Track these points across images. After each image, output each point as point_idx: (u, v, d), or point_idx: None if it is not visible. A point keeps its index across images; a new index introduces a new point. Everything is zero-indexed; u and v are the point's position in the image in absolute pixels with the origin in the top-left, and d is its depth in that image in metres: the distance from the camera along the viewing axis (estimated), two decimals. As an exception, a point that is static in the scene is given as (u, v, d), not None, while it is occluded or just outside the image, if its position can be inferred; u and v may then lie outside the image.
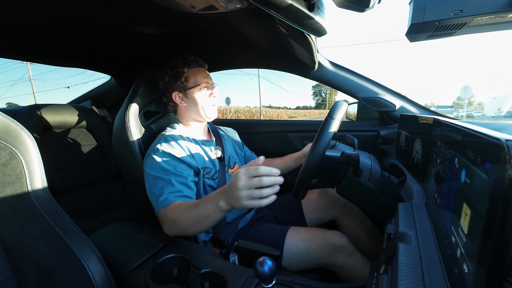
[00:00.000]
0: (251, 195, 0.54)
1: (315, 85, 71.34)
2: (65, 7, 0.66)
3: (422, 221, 0.46)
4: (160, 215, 0.70)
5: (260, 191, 0.54)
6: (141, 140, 0.85)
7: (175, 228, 0.66)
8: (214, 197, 0.60)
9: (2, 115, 0.45)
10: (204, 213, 0.61)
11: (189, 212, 0.63)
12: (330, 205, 0.97)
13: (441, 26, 0.53)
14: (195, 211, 0.62)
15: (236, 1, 0.56)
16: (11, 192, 0.45)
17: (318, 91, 74.52)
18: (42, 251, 0.46)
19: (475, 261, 0.26)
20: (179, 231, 0.66)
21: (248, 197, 0.54)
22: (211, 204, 0.60)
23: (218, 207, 0.59)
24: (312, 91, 76.67)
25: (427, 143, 0.61)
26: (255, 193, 0.54)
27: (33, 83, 13.61)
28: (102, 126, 1.43)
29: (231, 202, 0.57)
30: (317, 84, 66.85)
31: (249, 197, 0.54)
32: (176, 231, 0.66)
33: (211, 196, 0.62)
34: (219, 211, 0.59)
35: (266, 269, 0.43)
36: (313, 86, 73.91)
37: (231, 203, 0.57)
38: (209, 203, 0.61)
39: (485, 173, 0.27)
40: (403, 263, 0.35)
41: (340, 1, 0.51)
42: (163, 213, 0.69)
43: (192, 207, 0.63)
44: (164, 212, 0.69)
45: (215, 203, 0.60)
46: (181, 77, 0.87)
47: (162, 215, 0.69)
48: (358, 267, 0.73)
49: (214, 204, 0.60)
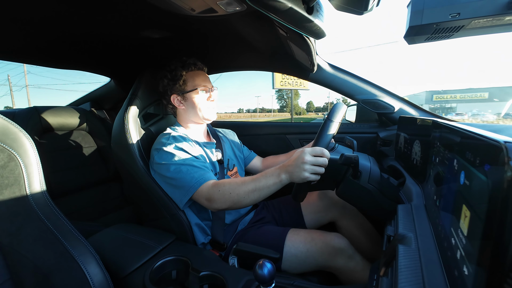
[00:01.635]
0: (314, 169, 0.65)
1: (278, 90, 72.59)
2: (65, 10, 0.66)
3: (421, 223, 0.46)
4: (201, 193, 0.74)
5: (321, 168, 0.66)
6: (140, 142, 0.85)
7: (230, 201, 0.71)
8: (275, 171, 0.70)
9: (1, 117, 0.45)
10: (264, 185, 0.69)
11: (246, 184, 0.70)
12: (329, 207, 0.96)
13: (439, 28, 0.54)
14: (253, 183, 0.70)
15: (236, 4, 0.56)
16: (9, 194, 0.45)
17: (281, 96, 76.71)
18: (39, 253, 0.46)
19: (475, 263, 0.25)
20: (233, 203, 0.71)
21: (311, 170, 0.65)
22: (272, 177, 0.69)
23: (279, 179, 0.68)
24: (276, 95, 79.06)
25: (426, 145, 0.61)
26: (317, 168, 0.66)
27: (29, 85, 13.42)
28: (101, 128, 1.42)
29: (293, 175, 0.67)
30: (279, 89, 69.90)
31: (311, 171, 0.65)
32: (230, 204, 0.71)
33: (270, 170, 0.71)
34: (279, 183, 0.69)
35: (266, 272, 0.43)
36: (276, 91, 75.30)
37: (293, 175, 0.67)
38: (270, 175, 0.69)
39: (484, 175, 0.27)
40: (403, 265, 0.35)
41: (339, 4, 0.52)
42: (205, 191, 0.73)
43: (249, 181, 0.71)
44: (206, 189, 0.73)
45: (276, 176, 0.69)
46: (179, 80, 0.88)
47: (203, 192, 0.73)
48: (358, 269, 0.73)
49: (275, 176, 0.69)
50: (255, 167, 1.12)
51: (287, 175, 0.68)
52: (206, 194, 0.73)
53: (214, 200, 0.72)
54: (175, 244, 0.75)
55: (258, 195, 0.70)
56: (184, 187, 0.75)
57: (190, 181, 0.74)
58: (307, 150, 0.67)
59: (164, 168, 0.77)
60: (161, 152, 0.78)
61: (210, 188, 0.73)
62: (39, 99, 45.27)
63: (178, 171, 0.75)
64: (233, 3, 0.55)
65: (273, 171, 0.70)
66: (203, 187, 0.74)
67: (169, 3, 0.56)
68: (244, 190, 0.70)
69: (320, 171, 0.66)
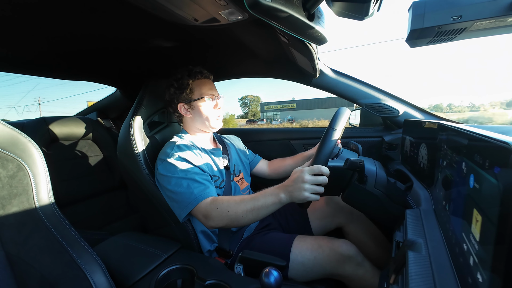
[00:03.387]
0: (313, 189, 0.63)
1: (241, 98, 79.23)
2: (72, 24, 0.69)
3: (431, 228, 0.45)
4: (199, 209, 0.72)
5: (320, 188, 0.64)
6: (145, 151, 0.86)
7: (227, 219, 0.69)
8: (274, 190, 0.68)
9: (11, 128, 0.46)
10: (263, 204, 0.67)
11: (244, 203, 0.69)
12: (336, 213, 0.95)
13: (441, 31, 0.54)
14: (252, 202, 0.68)
15: (238, 13, 0.57)
16: (17, 204, 0.46)
17: (244, 103, 79.28)
18: (46, 263, 0.46)
19: (489, 269, 0.25)
20: (230, 221, 0.69)
21: (311, 190, 0.63)
22: (271, 197, 0.67)
23: (279, 199, 0.66)
24: (240, 103, 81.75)
25: (432, 148, 0.61)
26: (316, 188, 0.63)
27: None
28: (107, 137, 1.44)
29: (292, 194, 0.65)
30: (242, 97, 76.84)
31: (311, 190, 0.63)
32: (227, 221, 0.70)
33: (269, 189, 0.69)
34: (278, 203, 0.67)
35: (272, 280, 0.42)
36: (240, 98, 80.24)
37: (292, 195, 0.65)
38: (269, 195, 0.68)
39: (494, 178, 0.26)
40: (414, 272, 0.34)
41: (339, 10, 0.52)
42: (203, 207, 0.72)
43: (248, 199, 0.69)
44: (204, 206, 0.72)
45: (275, 196, 0.67)
46: (186, 89, 0.89)
47: (201, 209, 0.72)
48: (367, 277, 0.71)
49: (274, 196, 0.67)
50: (261, 170, 1.12)
51: (287, 195, 0.66)
52: (204, 211, 0.72)
53: (211, 218, 0.70)
54: (180, 252, 0.75)
55: (256, 215, 0.68)
56: (183, 202, 0.74)
57: (189, 197, 0.74)
58: (306, 169, 0.65)
59: (166, 180, 0.77)
60: (165, 163, 0.78)
61: (208, 205, 0.72)
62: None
63: (179, 185, 0.75)
64: (235, 12, 0.56)
65: (272, 191, 0.68)
66: (202, 204, 0.72)
67: (173, 14, 0.58)
68: (242, 209, 0.68)
69: (319, 191, 0.64)
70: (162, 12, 0.58)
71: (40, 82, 45.91)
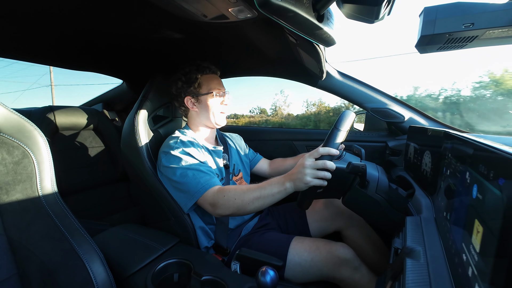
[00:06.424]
0: (315, 173, 0.64)
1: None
2: (82, 12, 0.69)
3: (431, 237, 0.44)
4: (206, 198, 0.74)
5: (323, 172, 0.64)
6: (149, 144, 0.86)
7: (234, 207, 0.71)
8: (280, 179, 0.70)
9: (18, 115, 0.47)
10: (269, 192, 0.69)
11: (251, 191, 0.70)
12: (335, 216, 0.95)
13: (452, 38, 0.53)
14: (258, 191, 0.70)
15: (247, 11, 0.57)
16: (21, 190, 0.46)
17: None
18: (46, 250, 0.47)
19: (488, 281, 0.24)
20: (237, 209, 0.71)
21: (312, 174, 0.64)
22: (277, 185, 0.69)
23: (284, 187, 0.68)
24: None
25: (437, 156, 0.60)
26: (319, 173, 0.64)
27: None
28: (111, 129, 1.46)
29: (296, 182, 0.66)
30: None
31: (313, 175, 0.64)
32: (233, 210, 0.71)
33: (275, 179, 0.71)
34: (283, 192, 0.68)
35: (268, 280, 0.42)
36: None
37: (296, 183, 0.66)
38: (275, 184, 0.69)
39: (498, 189, 0.26)
40: (411, 280, 0.34)
41: (350, 13, 0.52)
42: (210, 196, 0.73)
43: (254, 188, 0.71)
44: (211, 195, 0.73)
45: (280, 184, 0.69)
46: (194, 83, 0.89)
47: (208, 198, 0.74)
48: (363, 282, 0.71)
49: (280, 184, 0.69)
50: (262, 169, 1.12)
51: (291, 183, 0.67)
52: (211, 199, 0.73)
53: (219, 206, 0.72)
54: (178, 247, 0.76)
55: (262, 203, 0.70)
56: (190, 192, 0.75)
57: (195, 186, 0.75)
58: (306, 155, 0.67)
59: (170, 171, 0.78)
60: (169, 155, 0.79)
61: (215, 194, 0.73)
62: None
63: (184, 175, 0.76)
64: (245, 10, 0.56)
65: (278, 180, 0.70)
66: (209, 193, 0.74)
67: (182, 9, 0.58)
68: (249, 197, 0.70)
69: (321, 175, 0.64)
70: (172, 7, 0.59)
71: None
